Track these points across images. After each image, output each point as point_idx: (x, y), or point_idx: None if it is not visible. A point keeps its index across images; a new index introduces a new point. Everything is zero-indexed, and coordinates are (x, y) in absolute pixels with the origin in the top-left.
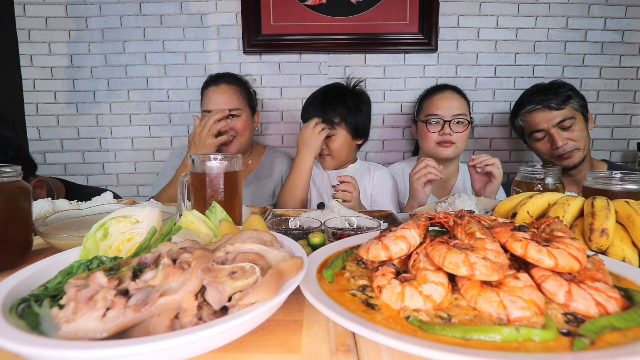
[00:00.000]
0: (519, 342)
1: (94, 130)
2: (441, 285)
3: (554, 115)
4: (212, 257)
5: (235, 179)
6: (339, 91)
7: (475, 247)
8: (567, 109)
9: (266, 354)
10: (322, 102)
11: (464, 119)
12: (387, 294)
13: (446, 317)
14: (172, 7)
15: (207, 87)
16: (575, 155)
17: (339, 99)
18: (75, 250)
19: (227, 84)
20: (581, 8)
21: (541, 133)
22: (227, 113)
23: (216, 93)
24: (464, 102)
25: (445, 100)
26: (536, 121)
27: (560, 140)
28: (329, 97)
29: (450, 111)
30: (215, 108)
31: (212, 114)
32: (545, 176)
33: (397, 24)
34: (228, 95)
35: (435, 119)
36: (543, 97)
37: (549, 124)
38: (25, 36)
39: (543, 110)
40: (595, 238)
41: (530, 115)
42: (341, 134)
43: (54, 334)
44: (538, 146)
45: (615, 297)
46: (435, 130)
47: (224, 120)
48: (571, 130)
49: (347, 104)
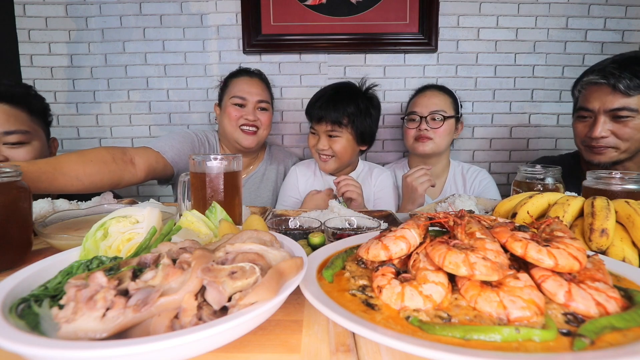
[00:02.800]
0: (518, 342)
1: (94, 130)
2: (441, 285)
3: (614, 98)
4: (212, 257)
5: (235, 178)
6: (351, 91)
7: (475, 247)
8: (635, 98)
9: (266, 354)
10: (332, 99)
11: (440, 115)
12: (387, 294)
13: (446, 317)
14: (172, 7)
15: (238, 76)
16: (608, 154)
17: (350, 99)
18: (75, 250)
19: (261, 79)
20: (581, 8)
21: (588, 112)
22: None
23: (250, 83)
24: (446, 100)
25: (424, 98)
26: (591, 97)
27: (602, 130)
28: (339, 94)
29: (428, 108)
30: (248, 97)
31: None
32: (545, 176)
33: (397, 24)
34: (261, 88)
35: (413, 116)
36: (615, 72)
37: (602, 107)
38: (25, 36)
39: (605, 88)
40: (595, 238)
41: (588, 88)
42: (346, 136)
43: (54, 334)
44: (577, 125)
45: (615, 297)
46: (412, 126)
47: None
48: (624, 124)
49: (358, 105)
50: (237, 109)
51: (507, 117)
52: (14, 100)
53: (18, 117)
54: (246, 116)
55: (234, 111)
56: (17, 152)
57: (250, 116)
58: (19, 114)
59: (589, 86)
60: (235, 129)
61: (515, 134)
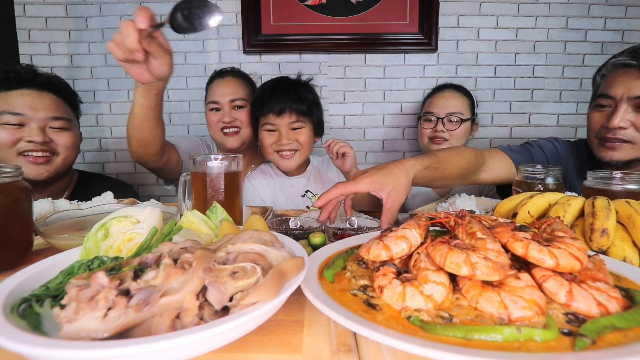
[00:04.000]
0: (520, 342)
1: (94, 130)
2: (442, 285)
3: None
4: (214, 257)
5: (236, 179)
6: (296, 82)
7: (477, 247)
8: None
9: (267, 354)
10: (289, 88)
11: (457, 117)
12: (388, 294)
13: (447, 317)
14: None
15: (212, 80)
16: (623, 150)
17: (304, 87)
18: (76, 250)
19: (233, 77)
20: (581, 8)
21: (608, 100)
22: (152, 22)
23: (221, 84)
24: (463, 101)
25: (442, 99)
26: (615, 82)
27: (621, 120)
28: (291, 84)
29: (445, 109)
30: (220, 100)
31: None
32: (545, 176)
33: (397, 24)
34: (233, 86)
35: (430, 117)
36: None
37: (625, 93)
38: (25, 36)
39: (632, 72)
40: (596, 238)
41: (614, 72)
42: (308, 126)
43: (55, 334)
44: (593, 115)
45: (617, 297)
46: (428, 127)
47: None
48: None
49: (313, 92)
50: (214, 114)
51: (507, 117)
52: (60, 91)
53: (62, 106)
54: (223, 119)
55: (212, 116)
56: (61, 135)
57: (227, 117)
58: (63, 104)
59: (615, 69)
60: (218, 134)
61: (515, 134)
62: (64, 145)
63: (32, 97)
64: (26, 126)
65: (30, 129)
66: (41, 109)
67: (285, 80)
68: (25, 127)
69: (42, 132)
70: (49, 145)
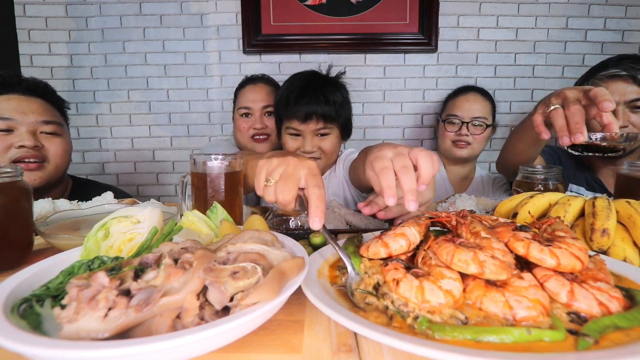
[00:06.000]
0: (529, 343)
1: (94, 130)
2: (458, 281)
3: (633, 90)
4: (214, 257)
5: (236, 179)
6: (325, 78)
7: (483, 246)
8: None
9: (268, 354)
10: (318, 90)
11: (482, 122)
12: (405, 287)
13: (464, 320)
14: (172, 7)
15: (244, 86)
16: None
17: (333, 87)
18: (76, 250)
19: (264, 83)
20: (581, 8)
21: None
22: None
23: (254, 90)
24: (487, 106)
25: (467, 102)
26: (609, 90)
27: (622, 121)
28: (320, 84)
29: (470, 113)
30: (252, 105)
31: None
32: (545, 176)
33: (397, 24)
34: (265, 93)
35: (454, 119)
36: (635, 66)
37: (621, 98)
38: (25, 36)
39: (625, 80)
40: (597, 238)
41: (607, 81)
42: (335, 132)
43: (55, 334)
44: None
45: (617, 297)
46: (452, 130)
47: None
48: (639, 114)
49: (342, 93)
50: (245, 120)
51: (507, 117)
52: (49, 97)
53: (51, 110)
54: (254, 125)
55: (243, 122)
56: (52, 142)
57: (258, 124)
58: (52, 108)
59: (607, 80)
60: (248, 140)
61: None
62: (55, 152)
63: (18, 102)
64: (16, 131)
65: (20, 134)
66: (30, 113)
67: (313, 81)
68: (15, 133)
69: (32, 136)
70: (40, 152)
